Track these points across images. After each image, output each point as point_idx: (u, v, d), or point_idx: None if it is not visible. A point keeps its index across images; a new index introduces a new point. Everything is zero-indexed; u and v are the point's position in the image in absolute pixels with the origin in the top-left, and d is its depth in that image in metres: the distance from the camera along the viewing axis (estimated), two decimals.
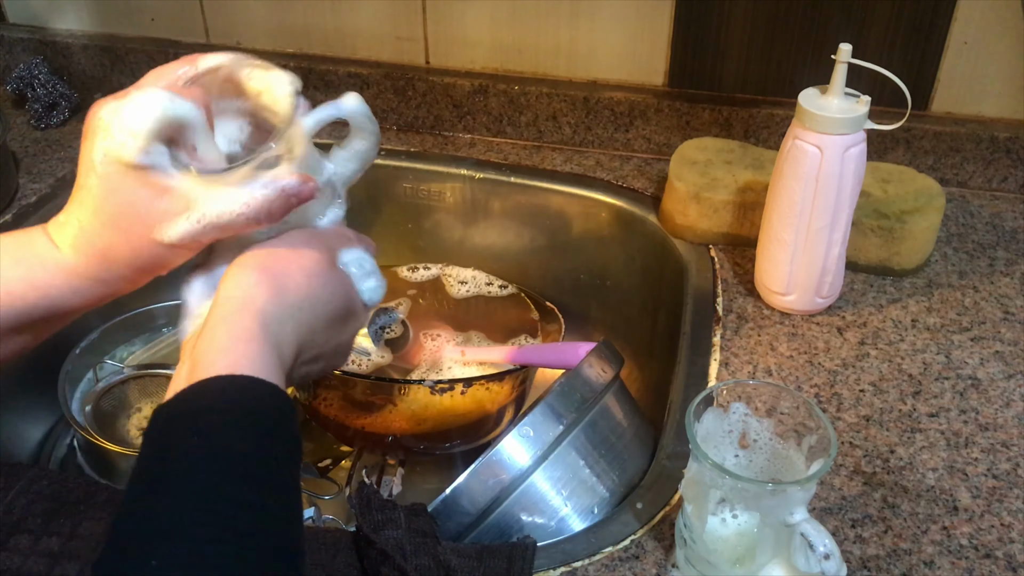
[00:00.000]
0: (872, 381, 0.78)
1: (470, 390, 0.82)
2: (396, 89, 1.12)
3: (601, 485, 0.73)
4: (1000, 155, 1.00)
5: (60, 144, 1.12)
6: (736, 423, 0.62)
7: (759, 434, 0.62)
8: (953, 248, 0.94)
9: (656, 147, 1.09)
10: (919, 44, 0.98)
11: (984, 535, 0.65)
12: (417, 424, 0.82)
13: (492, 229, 1.09)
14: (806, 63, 1.02)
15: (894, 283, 0.89)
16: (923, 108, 1.02)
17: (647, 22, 1.04)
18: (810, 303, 0.84)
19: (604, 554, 0.65)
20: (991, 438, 0.73)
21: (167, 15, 1.17)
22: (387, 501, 0.64)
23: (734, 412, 0.62)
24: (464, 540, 0.69)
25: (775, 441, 0.62)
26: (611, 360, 0.78)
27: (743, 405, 0.62)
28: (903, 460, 0.71)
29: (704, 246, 0.95)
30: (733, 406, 0.62)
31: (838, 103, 0.77)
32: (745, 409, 0.62)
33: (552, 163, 1.08)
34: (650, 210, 1.01)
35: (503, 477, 0.70)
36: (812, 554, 0.56)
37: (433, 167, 1.08)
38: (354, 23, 1.12)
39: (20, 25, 1.22)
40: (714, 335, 0.83)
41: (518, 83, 1.09)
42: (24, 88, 1.15)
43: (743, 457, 0.61)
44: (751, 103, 1.04)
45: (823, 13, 0.98)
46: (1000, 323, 0.84)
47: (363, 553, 0.60)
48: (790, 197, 0.80)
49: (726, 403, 0.62)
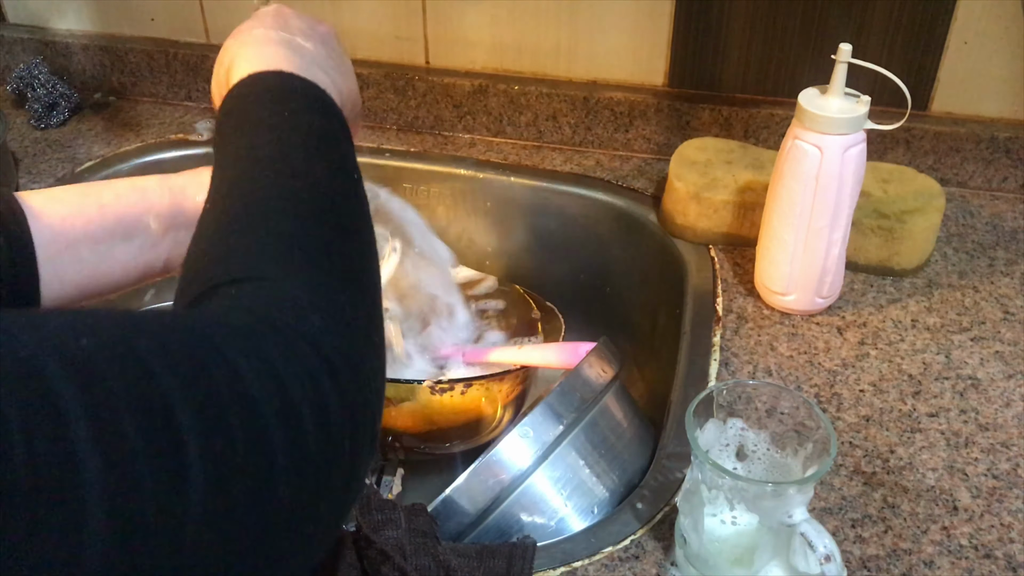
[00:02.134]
0: (872, 381, 0.78)
1: (470, 390, 0.82)
2: (396, 89, 1.12)
3: (601, 485, 0.73)
4: (1000, 155, 1.00)
5: (60, 144, 1.12)
6: (733, 437, 0.62)
7: (756, 445, 0.62)
8: (953, 248, 0.94)
9: (656, 147, 1.09)
10: (919, 44, 0.98)
11: (984, 535, 0.65)
12: (417, 424, 0.82)
13: (492, 229, 1.09)
14: (806, 63, 1.02)
15: (894, 283, 0.89)
16: (923, 108, 1.02)
17: (647, 22, 1.04)
18: (810, 303, 0.84)
19: (604, 554, 0.65)
20: (991, 438, 0.73)
21: (167, 15, 1.17)
22: (387, 501, 0.64)
23: (731, 427, 0.63)
24: (464, 540, 0.69)
25: (773, 451, 0.62)
26: (611, 360, 0.78)
27: (740, 420, 0.63)
28: (903, 460, 0.71)
29: (704, 246, 0.95)
30: (730, 421, 0.63)
31: (838, 103, 0.77)
32: (742, 424, 0.63)
33: (552, 163, 1.08)
34: (650, 210, 1.01)
35: (503, 477, 0.70)
36: (812, 555, 0.56)
37: (433, 167, 1.08)
38: (354, 23, 1.12)
39: (20, 25, 1.22)
40: (714, 335, 0.83)
41: (518, 83, 1.09)
42: (24, 88, 1.15)
43: (741, 469, 0.62)
44: (751, 103, 1.04)
45: (823, 13, 0.98)
46: (1000, 323, 0.84)
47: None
48: (790, 197, 0.80)
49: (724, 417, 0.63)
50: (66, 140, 1.12)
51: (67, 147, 1.11)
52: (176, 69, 1.17)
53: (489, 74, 1.11)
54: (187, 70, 1.17)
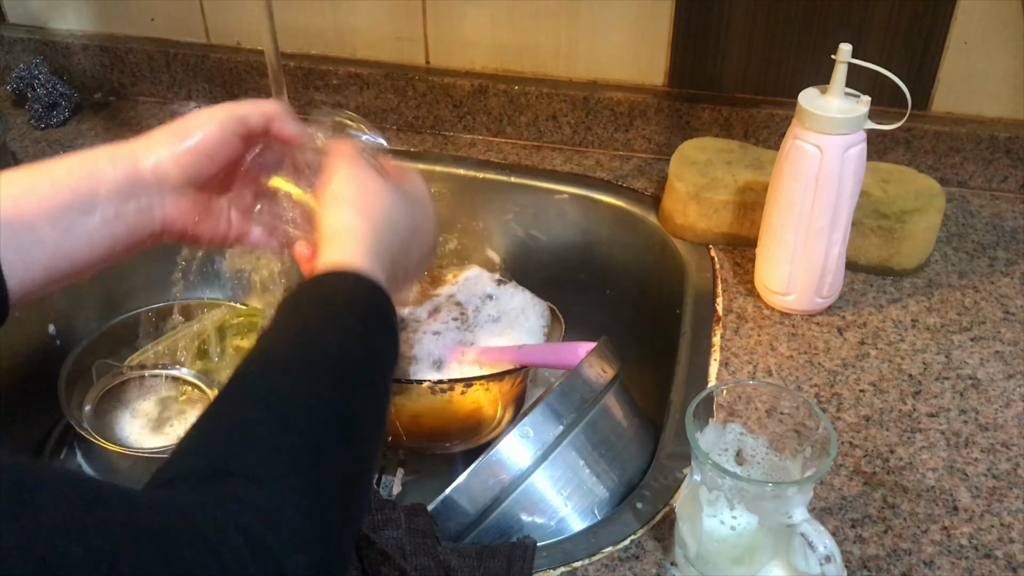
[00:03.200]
0: (872, 381, 0.78)
1: (470, 390, 0.82)
2: (396, 89, 1.12)
3: (601, 485, 0.73)
4: (1000, 155, 1.00)
5: (60, 144, 1.11)
6: (732, 442, 0.62)
7: (755, 450, 0.62)
8: (953, 248, 0.94)
9: (656, 147, 1.09)
10: (919, 44, 0.98)
11: (984, 535, 0.65)
12: (417, 424, 0.82)
13: (492, 229, 1.09)
14: (806, 63, 1.01)
15: (894, 283, 0.89)
16: (923, 108, 1.02)
17: (647, 22, 1.04)
18: (810, 303, 0.84)
19: (604, 554, 0.65)
20: (991, 438, 0.73)
21: (167, 15, 1.17)
22: (387, 501, 0.64)
23: (729, 432, 0.63)
24: (464, 540, 0.69)
25: (771, 455, 0.62)
26: (611, 360, 0.78)
27: (738, 425, 0.63)
28: (903, 460, 0.71)
29: (704, 246, 0.95)
30: (729, 426, 0.63)
31: (838, 103, 0.77)
32: (740, 429, 0.63)
33: (552, 163, 1.08)
34: (650, 210, 1.01)
35: (503, 477, 0.70)
36: (812, 555, 0.56)
37: (433, 167, 1.08)
38: (354, 23, 1.12)
39: (20, 25, 1.22)
40: (714, 335, 0.83)
41: (518, 83, 1.09)
42: (24, 88, 1.15)
43: (740, 473, 0.61)
44: (751, 103, 1.04)
45: (823, 13, 0.98)
46: (1000, 323, 0.84)
47: (363, 553, 0.60)
48: (790, 197, 0.80)
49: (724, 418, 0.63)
50: (66, 140, 1.12)
51: (67, 147, 1.11)
52: (176, 69, 1.17)
53: (489, 74, 1.11)
54: (187, 70, 1.17)
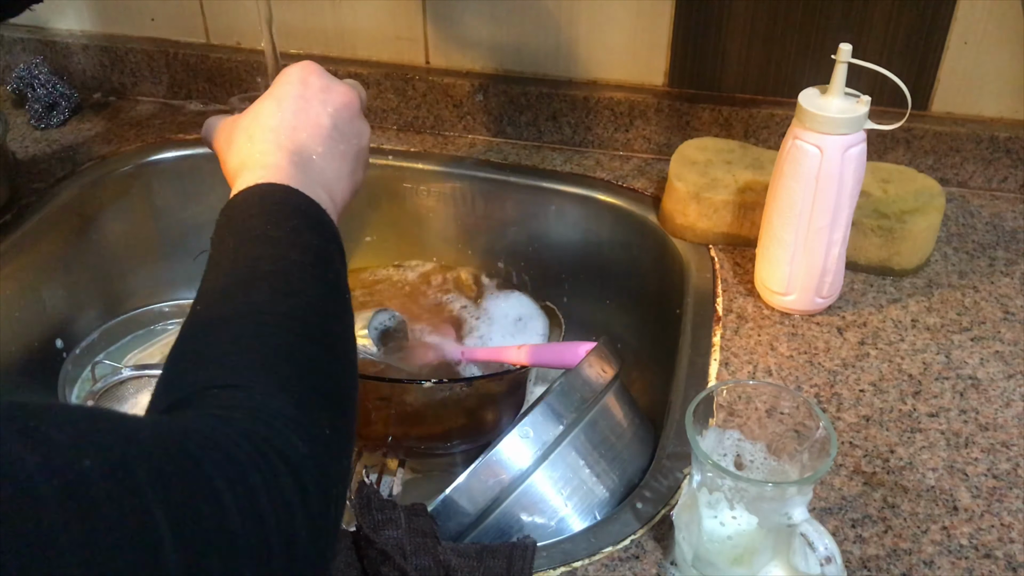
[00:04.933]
0: (872, 381, 0.78)
1: (470, 390, 0.82)
2: (396, 89, 1.12)
3: (601, 485, 0.73)
4: (1000, 155, 1.00)
5: (60, 144, 1.11)
6: (730, 447, 0.62)
7: (753, 455, 0.62)
8: (953, 248, 0.94)
9: (656, 147, 1.09)
10: (919, 44, 0.98)
11: (984, 535, 0.65)
12: (417, 424, 0.82)
13: (492, 229, 1.09)
14: (806, 63, 1.02)
15: (894, 283, 0.89)
16: (923, 108, 1.02)
17: (647, 22, 1.04)
18: (810, 303, 0.84)
19: (604, 554, 0.65)
20: (991, 438, 0.73)
21: (167, 15, 1.17)
22: (387, 501, 0.64)
23: (728, 438, 0.63)
24: (464, 540, 0.69)
25: (770, 460, 0.62)
26: (611, 360, 0.78)
27: (737, 432, 0.63)
28: (903, 460, 0.71)
29: (704, 246, 0.95)
30: (727, 432, 0.63)
31: (838, 103, 0.77)
32: (739, 435, 0.63)
33: (552, 163, 1.08)
34: (650, 210, 1.01)
35: (503, 477, 0.70)
36: (812, 555, 0.56)
37: (433, 167, 1.08)
38: (354, 23, 1.12)
39: (20, 25, 1.22)
40: (714, 335, 0.83)
41: (518, 83, 1.09)
42: (24, 88, 1.15)
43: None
44: (751, 103, 1.04)
45: (823, 13, 0.98)
46: (1000, 323, 0.84)
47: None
48: (790, 197, 0.80)
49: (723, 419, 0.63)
50: (66, 140, 1.12)
51: (67, 147, 1.11)
52: (176, 69, 1.17)
53: (489, 74, 1.11)
54: (187, 70, 1.17)
